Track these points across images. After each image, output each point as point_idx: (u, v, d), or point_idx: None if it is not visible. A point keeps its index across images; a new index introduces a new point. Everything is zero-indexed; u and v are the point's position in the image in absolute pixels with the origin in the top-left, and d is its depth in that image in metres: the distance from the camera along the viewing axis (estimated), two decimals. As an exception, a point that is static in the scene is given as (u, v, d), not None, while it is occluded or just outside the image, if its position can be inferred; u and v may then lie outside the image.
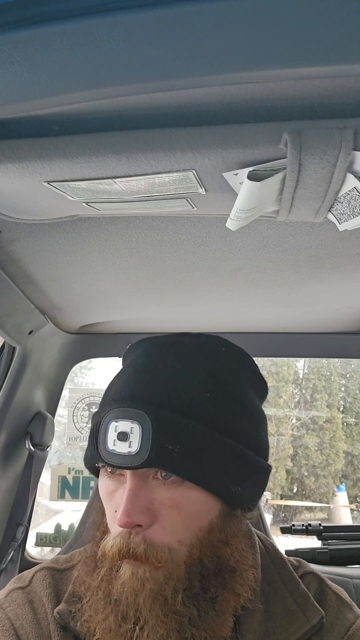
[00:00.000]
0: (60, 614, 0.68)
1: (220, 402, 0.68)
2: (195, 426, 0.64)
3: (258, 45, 0.38)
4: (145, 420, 0.63)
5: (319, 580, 0.76)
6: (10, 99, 0.42)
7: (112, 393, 0.70)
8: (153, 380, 0.67)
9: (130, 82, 0.40)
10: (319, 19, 0.37)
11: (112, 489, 0.67)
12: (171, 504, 0.63)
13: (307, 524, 1.39)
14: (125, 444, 0.63)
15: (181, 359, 0.70)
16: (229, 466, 0.66)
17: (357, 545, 1.34)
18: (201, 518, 0.65)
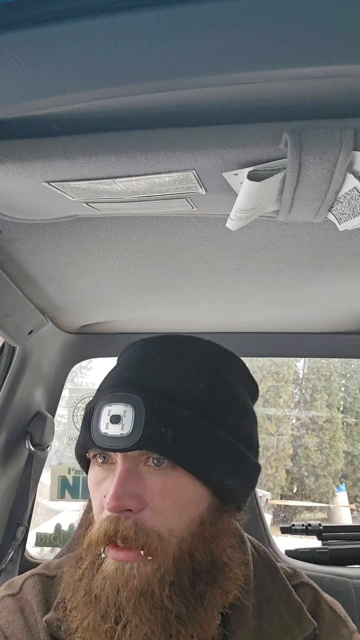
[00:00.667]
0: (49, 623, 0.67)
1: (215, 394, 0.69)
2: (189, 414, 0.65)
3: (258, 45, 0.38)
4: (138, 403, 0.63)
5: (314, 592, 0.75)
6: (10, 99, 0.42)
7: (106, 383, 0.71)
8: (148, 371, 0.69)
9: (130, 82, 0.40)
10: (319, 19, 0.37)
11: (101, 478, 0.66)
12: (162, 491, 0.63)
13: (307, 524, 1.39)
14: (117, 426, 0.63)
15: (177, 354, 0.71)
16: (222, 457, 0.66)
17: (357, 545, 1.34)
18: (192, 508, 0.65)
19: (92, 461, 0.69)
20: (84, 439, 0.68)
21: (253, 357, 0.94)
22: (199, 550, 0.64)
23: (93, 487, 0.68)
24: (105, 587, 0.61)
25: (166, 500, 0.63)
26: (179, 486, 0.64)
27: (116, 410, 0.64)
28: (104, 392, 0.68)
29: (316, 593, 0.75)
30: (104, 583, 0.61)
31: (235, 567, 0.67)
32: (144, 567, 0.61)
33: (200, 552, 0.64)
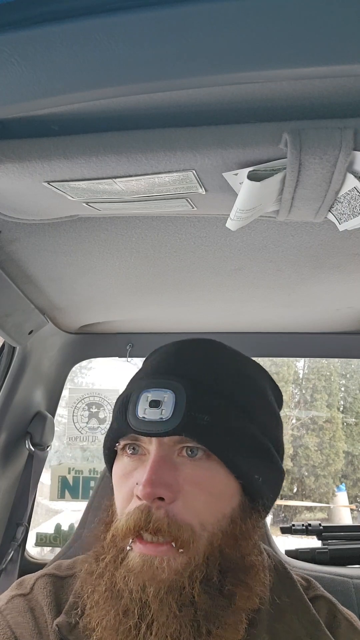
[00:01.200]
0: (60, 627, 0.65)
1: (247, 391, 0.70)
2: (226, 405, 0.66)
3: (258, 45, 0.38)
4: (179, 389, 0.64)
5: (329, 605, 0.72)
6: (10, 99, 0.42)
7: (140, 375, 0.71)
8: (186, 362, 0.70)
9: (130, 82, 0.40)
10: (319, 19, 0.37)
11: (131, 469, 0.65)
12: (195, 481, 0.62)
13: (307, 524, 1.39)
14: (157, 410, 0.63)
15: (211, 351, 0.73)
16: (253, 452, 0.67)
17: (357, 545, 1.34)
18: (224, 503, 0.64)
19: (120, 453, 0.68)
20: (119, 425, 0.66)
21: (253, 357, 0.94)
22: (229, 547, 0.62)
23: (120, 479, 0.66)
24: (130, 581, 0.59)
25: (199, 491, 0.62)
26: (212, 478, 0.63)
27: (155, 395, 0.64)
28: (142, 380, 0.68)
29: (332, 606, 0.72)
30: (128, 577, 0.59)
31: (260, 570, 0.66)
32: (174, 561, 0.59)
33: (230, 549, 0.62)
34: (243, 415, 0.67)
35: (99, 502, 1.15)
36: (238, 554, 0.63)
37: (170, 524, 0.59)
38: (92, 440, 1.94)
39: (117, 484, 0.67)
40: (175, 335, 1.41)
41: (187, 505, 0.61)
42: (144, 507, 0.60)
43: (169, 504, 0.61)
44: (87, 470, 1.84)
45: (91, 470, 1.84)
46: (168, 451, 0.63)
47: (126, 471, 0.66)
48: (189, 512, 0.61)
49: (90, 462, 2.93)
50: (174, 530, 0.59)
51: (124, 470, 0.66)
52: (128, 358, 1.49)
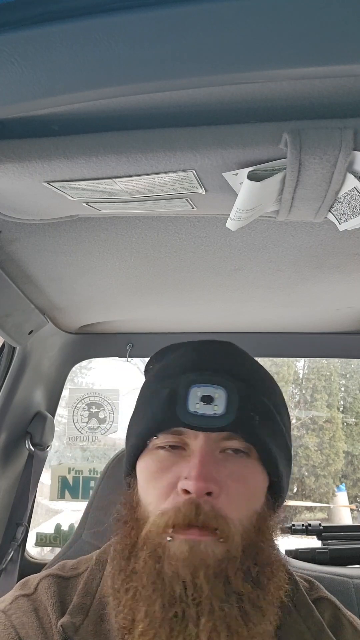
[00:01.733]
0: (64, 627, 0.65)
1: (275, 393, 0.74)
2: (269, 405, 0.69)
3: (258, 45, 0.38)
4: (230, 386, 0.65)
5: (333, 607, 0.73)
6: (10, 99, 0.42)
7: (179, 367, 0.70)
8: (226, 360, 0.71)
9: (130, 82, 0.40)
10: (319, 19, 0.37)
11: (169, 463, 0.65)
12: (238, 477, 0.64)
13: (307, 524, 1.39)
14: (209, 406, 0.64)
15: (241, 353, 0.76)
16: (283, 451, 0.70)
17: (357, 545, 1.34)
18: (258, 499, 0.66)
19: (153, 447, 0.68)
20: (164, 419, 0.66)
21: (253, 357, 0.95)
22: (261, 542, 0.64)
23: (156, 473, 0.66)
24: (179, 567, 0.59)
25: (240, 487, 0.64)
26: (252, 475, 0.66)
27: (207, 391, 0.64)
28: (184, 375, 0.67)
29: (335, 608, 0.73)
30: (177, 565, 0.60)
31: (282, 565, 0.67)
32: (216, 549, 0.60)
33: (261, 544, 0.64)
34: (278, 417, 0.70)
35: (99, 502, 1.15)
36: (267, 548, 0.65)
37: (215, 516, 0.61)
38: (92, 440, 1.94)
39: (151, 478, 0.67)
40: (175, 335, 1.42)
41: (229, 500, 0.63)
42: (189, 503, 0.61)
43: (214, 498, 0.62)
44: (87, 470, 1.84)
45: (91, 470, 1.84)
46: (212, 447, 0.65)
47: (163, 465, 0.66)
48: (231, 507, 0.62)
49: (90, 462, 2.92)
50: (217, 522, 0.61)
51: (160, 465, 0.66)
52: (128, 358, 1.49)
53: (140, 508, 0.67)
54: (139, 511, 0.67)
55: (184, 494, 0.62)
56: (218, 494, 0.62)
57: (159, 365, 0.75)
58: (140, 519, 0.66)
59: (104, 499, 1.14)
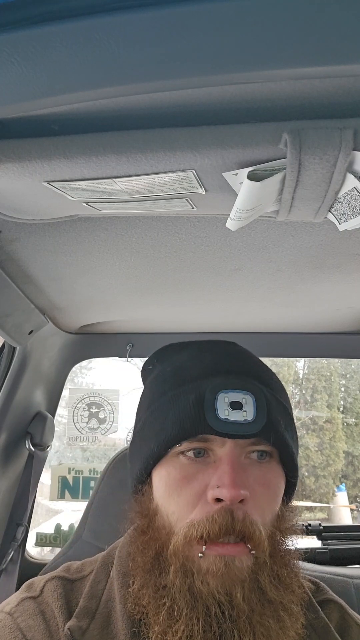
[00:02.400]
0: (72, 631, 0.64)
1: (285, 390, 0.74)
2: (287, 408, 0.70)
3: (258, 45, 0.38)
4: (258, 391, 0.65)
5: (340, 610, 0.73)
6: (10, 99, 0.42)
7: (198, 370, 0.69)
8: (246, 363, 0.72)
9: (130, 82, 0.40)
10: (319, 19, 0.37)
11: (194, 471, 0.64)
12: (264, 482, 0.64)
13: (307, 524, 1.39)
14: (239, 412, 0.63)
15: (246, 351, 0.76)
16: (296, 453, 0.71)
17: (357, 545, 1.34)
18: (278, 501, 0.67)
19: (175, 455, 0.66)
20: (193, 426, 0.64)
21: (253, 357, 0.95)
22: (282, 543, 0.65)
23: (180, 482, 0.64)
24: (212, 585, 0.59)
25: (266, 492, 0.64)
26: (275, 479, 0.66)
27: (235, 397, 0.64)
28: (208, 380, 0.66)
29: (342, 610, 0.73)
30: (209, 581, 0.59)
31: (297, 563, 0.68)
32: (248, 560, 0.60)
33: (282, 545, 0.65)
34: (294, 420, 0.72)
35: (99, 502, 1.15)
36: (287, 547, 0.66)
37: (250, 524, 0.60)
38: (92, 441, 1.94)
39: (175, 486, 0.64)
40: (175, 335, 1.42)
41: (257, 505, 0.62)
42: (227, 509, 0.60)
43: (245, 505, 0.61)
44: (87, 470, 1.84)
45: (91, 470, 1.84)
46: (240, 453, 0.64)
47: (188, 474, 0.64)
48: (258, 512, 0.62)
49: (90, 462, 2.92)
50: (252, 529, 0.60)
51: (185, 473, 0.64)
52: (128, 358, 1.49)
53: (159, 517, 0.66)
54: (158, 520, 0.66)
55: (215, 503, 0.61)
56: (248, 499, 0.61)
57: (169, 368, 0.73)
58: (162, 528, 0.65)
59: (104, 499, 1.14)
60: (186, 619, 0.59)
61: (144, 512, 0.68)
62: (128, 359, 1.49)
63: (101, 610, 0.67)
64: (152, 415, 0.70)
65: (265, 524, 0.63)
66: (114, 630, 0.65)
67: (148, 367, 0.79)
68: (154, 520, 0.66)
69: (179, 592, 0.60)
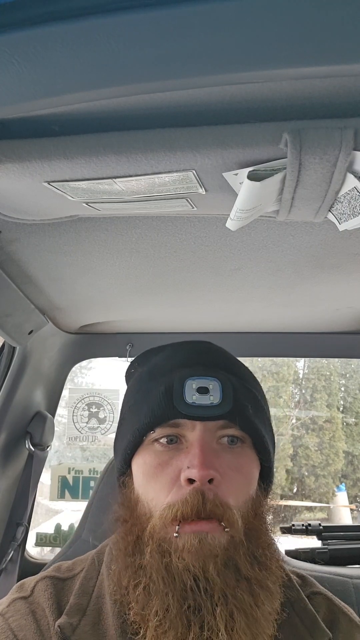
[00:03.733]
0: (62, 628, 0.65)
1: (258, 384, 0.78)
2: (258, 397, 0.73)
3: (258, 45, 0.38)
4: (224, 377, 0.68)
5: (327, 601, 0.74)
6: (10, 99, 0.42)
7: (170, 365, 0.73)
8: (216, 357, 0.75)
9: (130, 82, 0.40)
10: (319, 19, 0.37)
11: (167, 458, 0.67)
12: (235, 465, 0.66)
13: (307, 524, 1.39)
14: (205, 396, 0.66)
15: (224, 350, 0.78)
16: (271, 438, 0.74)
17: (357, 545, 1.34)
18: (252, 485, 0.69)
19: (149, 443, 0.69)
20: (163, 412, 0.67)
21: (253, 357, 0.95)
22: (258, 525, 0.67)
23: (155, 469, 0.67)
24: (188, 560, 0.61)
25: (237, 474, 0.66)
26: (247, 462, 0.68)
27: (202, 383, 0.67)
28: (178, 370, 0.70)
29: (330, 602, 0.74)
30: (186, 557, 0.61)
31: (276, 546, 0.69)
32: (221, 538, 0.62)
33: (258, 527, 0.66)
34: (265, 408, 0.74)
35: (99, 502, 1.15)
36: (265, 531, 0.67)
37: (220, 504, 0.62)
38: (92, 440, 1.94)
39: (151, 473, 0.67)
40: (175, 335, 1.42)
41: (228, 488, 0.64)
42: (198, 490, 0.62)
43: (216, 486, 0.63)
44: (87, 470, 1.84)
45: (91, 470, 1.84)
46: (210, 437, 0.66)
47: (162, 460, 0.67)
48: (230, 494, 0.64)
49: (90, 462, 2.92)
50: (222, 509, 0.62)
51: (159, 460, 0.67)
52: (128, 358, 1.49)
53: (140, 505, 0.68)
54: (140, 508, 0.68)
55: (188, 485, 0.63)
56: (219, 481, 0.64)
57: (146, 368, 0.77)
58: (142, 515, 0.67)
59: (104, 499, 1.14)
60: (161, 594, 0.61)
61: (127, 503, 0.70)
62: (128, 359, 1.49)
63: (92, 606, 0.68)
64: (129, 411, 0.74)
65: (238, 506, 0.65)
66: (105, 625, 0.66)
67: (130, 371, 0.83)
68: (135, 509, 0.68)
69: (155, 570, 0.62)
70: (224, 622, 0.59)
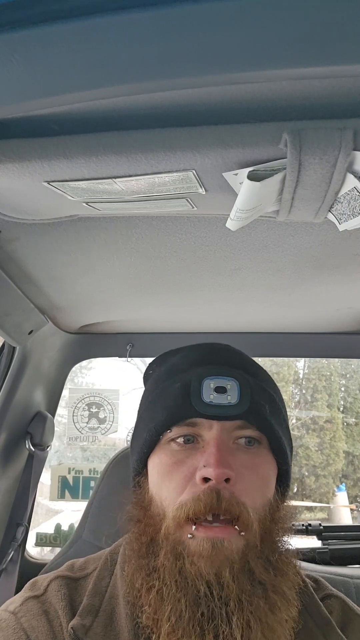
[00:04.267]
0: (75, 630, 0.64)
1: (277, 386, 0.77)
2: (274, 396, 0.72)
3: (258, 45, 0.38)
4: (242, 377, 0.68)
5: (341, 604, 0.74)
6: (10, 99, 0.42)
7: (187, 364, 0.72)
8: (232, 356, 0.75)
9: (130, 82, 0.40)
10: (319, 19, 0.37)
11: (183, 457, 0.66)
12: (251, 465, 0.65)
13: (307, 524, 1.39)
14: (223, 396, 0.66)
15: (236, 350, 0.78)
16: (289, 440, 0.73)
17: (357, 545, 1.34)
18: (269, 488, 0.67)
19: (166, 442, 0.68)
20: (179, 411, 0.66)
21: (253, 357, 0.95)
22: (275, 530, 0.65)
23: (171, 467, 0.66)
24: (202, 566, 0.59)
25: (254, 475, 0.65)
26: (264, 464, 0.67)
27: (220, 382, 0.67)
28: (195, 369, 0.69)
29: (344, 604, 0.74)
30: (198, 563, 0.60)
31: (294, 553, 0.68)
32: (237, 542, 0.61)
33: (275, 532, 0.65)
34: (282, 411, 0.73)
35: (99, 502, 1.15)
36: (281, 536, 0.66)
37: (236, 504, 0.61)
38: (92, 440, 1.94)
39: (166, 472, 0.66)
40: (175, 335, 1.42)
41: (245, 488, 0.63)
42: (213, 488, 0.61)
43: (232, 485, 0.62)
44: (87, 470, 1.84)
45: (91, 470, 1.84)
46: (227, 436, 0.66)
47: (177, 459, 0.66)
48: (247, 495, 0.63)
49: (90, 462, 2.92)
50: (239, 511, 0.61)
51: (174, 459, 0.66)
52: (128, 358, 1.49)
53: (154, 505, 0.67)
54: (153, 508, 0.67)
55: (203, 483, 0.62)
56: (235, 481, 0.63)
57: (163, 368, 0.76)
58: (156, 515, 0.66)
59: (104, 499, 1.14)
60: (174, 599, 0.59)
61: (140, 503, 0.69)
62: (128, 359, 1.49)
63: (105, 607, 0.67)
64: (146, 409, 0.73)
65: (255, 507, 0.63)
66: (118, 627, 0.65)
67: (149, 372, 0.82)
68: (149, 508, 0.68)
69: (169, 574, 0.61)
70: (240, 631, 0.57)
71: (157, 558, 0.63)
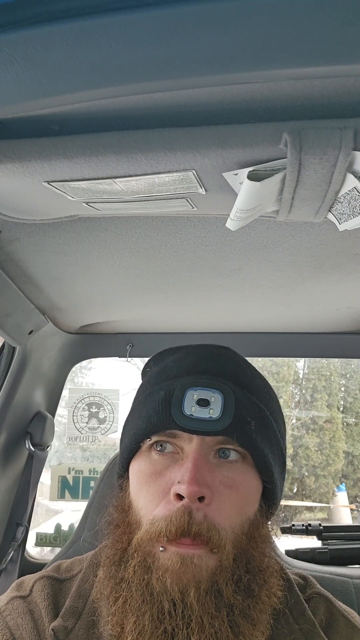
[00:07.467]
0: (55, 631, 0.64)
1: (272, 399, 0.73)
2: (265, 411, 0.69)
3: (258, 45, 0.38)
4: (227, 390, 0.65)
5: (327, 603, 0.72)
6: (10, 99, 0.42)
7: (176, 370, 0.70)
8: (225, 364, 0.71)
9: (130, 82, 0.40)
10: (319, 19, 0.37)
11: (162, 467, 0.64)
12: (231, 483, 0.63)
13: (307, 524, 1.39)
14: (205, 409, 0.63)
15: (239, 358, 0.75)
16: (278, 458, 0.70)
17: (357, 545, 1.34)
18: (250, 506, 0.65)
19: (147, 450, 0.67)
20: (159, 421, 0.65)
21: (253, 357, 0.95)
22: (252, 550, 0.63)
23: (149, 477, 0.65)
24: (168, 583, 0.58)
25: (232, 494, 0.63)
26: (246, 482, 0.64)
27: (203, 394, 0.64)
28: (182, 378, 0.67)
29: (329, 604, 0.72)
30: (165, 578, 0.58)
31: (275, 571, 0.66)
32: (208, 561, 0.59)
33: (253, 552, 0.63)
34: (274, 424, 0.70)
35: (99, 502, 1.15)
36: (259, 556, 0.64)
37: (209, 528, 0.59)
38: (92, 440, 1.94)
39: (144, 481, 0.65)
40: (175, 335, 1.42)
41: (221, 507, 0.61)
42: (186, 508, 0.59)
43: (206, 505, 0.60)
44: (87, 470, 1.84)
45: (91, 470, 1.84)
46: (207, 450, 0.64)
47: (156, 469, 0.65)
48: (222, 514, 0.61)
49: (90, 462, 2.92)
50: (209, 533, 0.59)
51: (154, 468, 0.65)
52: (128, 358, 1.49)
53: (132, 512, 0.66)
54: (131, 515, 0.66)
55: (177, 500, 0.60)
56: (210, 500, 0.61)
57: (156, 368, 0.75)
58: (132, 523, 0.65)
59: (104, 499, 1.14)
60: (138, 612, 0.59)
61: (120, 507, 0.69)
62: (128, 359, 1.49)
63: (87, 610, 0.67)
64: (131, 413, 0.73)
65: (232, 527, 0.61)
66: (99, 631, 0.65)
67: (145, 370, 0.81)
68: (128, 514, 0.67)
69: (136, 586, 0.60)
70: None
71: (127, 569, 0.62)
